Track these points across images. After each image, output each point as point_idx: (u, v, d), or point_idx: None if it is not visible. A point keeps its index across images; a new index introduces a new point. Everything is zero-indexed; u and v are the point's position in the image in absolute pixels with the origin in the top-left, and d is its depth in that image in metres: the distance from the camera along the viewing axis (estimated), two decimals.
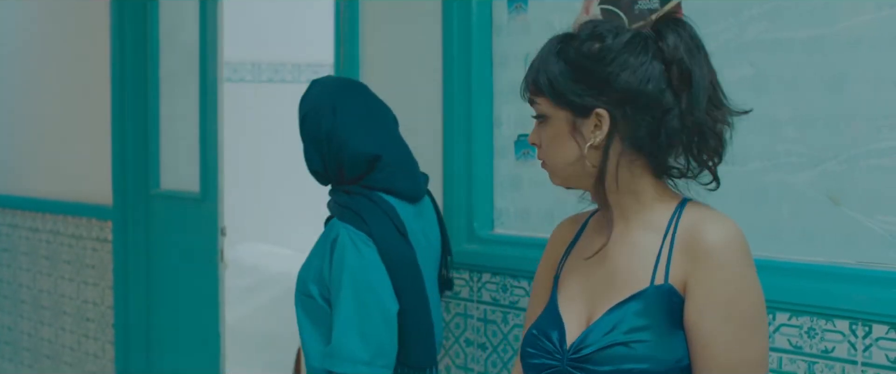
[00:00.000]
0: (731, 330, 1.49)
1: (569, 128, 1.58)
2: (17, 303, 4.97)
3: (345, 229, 2.25)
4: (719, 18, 2.29)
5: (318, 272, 2.28)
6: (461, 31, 2.80)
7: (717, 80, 1.59)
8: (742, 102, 2.22)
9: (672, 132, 1.54)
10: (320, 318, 2.29)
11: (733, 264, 1.50)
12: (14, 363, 5.01)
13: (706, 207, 1.62)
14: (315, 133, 2.35)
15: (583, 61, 1.56)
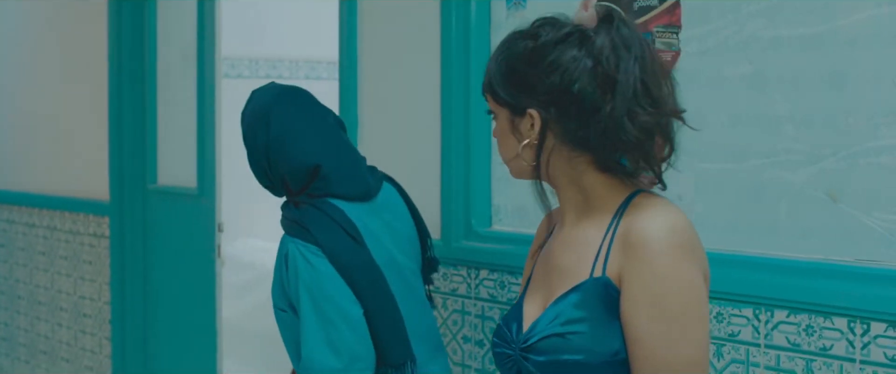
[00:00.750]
0: (660, 326, 1.46)
1: (509, 125, 1.62)
2: (14, 299, 4.96)
3: (293, 243, 2.23)
4: (718, 16, 2.29)
5: (281, 287, 2.27)
6: (459, 27, 2.80)
7: (655, 81, 1.56)
8: (742, 99, 2.24)
9: (601, 132, 1.54)
10: (292, 329, 2.28)
11: (664, 258, 1.47)
12: (10, 358, 5.01)
13: (655, 199, 1.59)
14: (254, 148, 2.32)
15: (514, 63, 1.60)
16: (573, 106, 1.54)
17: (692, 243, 1.51)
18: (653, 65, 1.56)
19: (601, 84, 1.53)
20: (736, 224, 2.28)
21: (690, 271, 1.48)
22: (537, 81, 1.56)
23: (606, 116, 1.52)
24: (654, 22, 2.41)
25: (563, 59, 1.55)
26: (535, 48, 1.57)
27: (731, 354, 2.24)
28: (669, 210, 1.54)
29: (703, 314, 1.49)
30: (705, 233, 2.29)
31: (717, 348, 2.27)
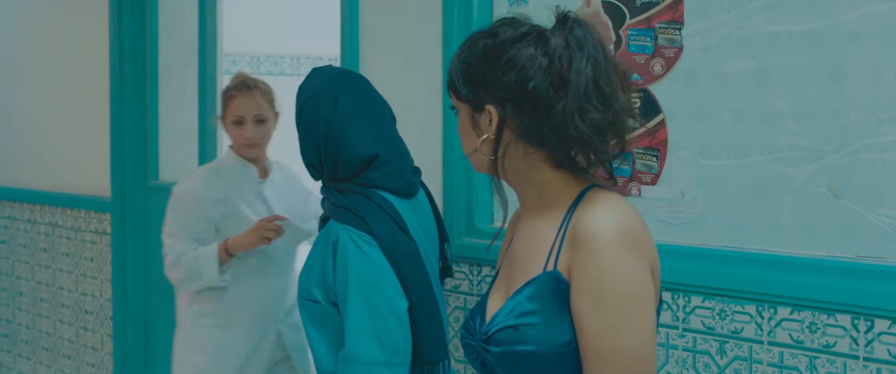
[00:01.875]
0: (603, 317, 1.50)
1: (469, 121, 1.67)
2: (15, 295, 4.96)
3: (344, 230, 2.21)
4: (720, 12, 2.29)
5: (320, 277, 2.25)
6: (461, 24, 2.80)
7: (608, 80, 1.60)
8: (744, 95, 2.24)
9: (554, 128, 1.58)
10: (326, 322, 2.28)
11: (607, 252, 1.50)
12: (12, 355, 5.01)
13: (606, 194, 1.62)
14: (313, 124, 2.31)
15: (473, 60, 1.65)
16: (528, 103, 1.59)
17: (637, 238, 1.54)
18: (606, 65, 1.61)
19: (554, 82, 1.58)
20: (738, 221, 2.27)
21: (633, 264, 1.51)
22: (494, 78, 1.61)
23: (559, 113, 1.57)
24: (657, 18, 2.41)
25: (519, 57, 1.60)
26: (494, 46, 1.63)
27: (734, 351, 2.24)
28: (616, 205, 1.57)
29: (645, 306, 1.52)
30: (707, 230, 2.31)
31: (720, 345, 2.26)
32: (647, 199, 2.43)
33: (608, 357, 1.50)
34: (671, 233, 2.38)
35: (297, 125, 2.33)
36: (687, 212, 2.37)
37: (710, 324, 2.28)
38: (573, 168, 1.63)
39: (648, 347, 1.51)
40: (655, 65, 2.41)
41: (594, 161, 1.63)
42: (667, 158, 2.40)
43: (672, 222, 2.39)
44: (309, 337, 2.32)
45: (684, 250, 2.33)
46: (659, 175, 2.42)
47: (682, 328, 2.33)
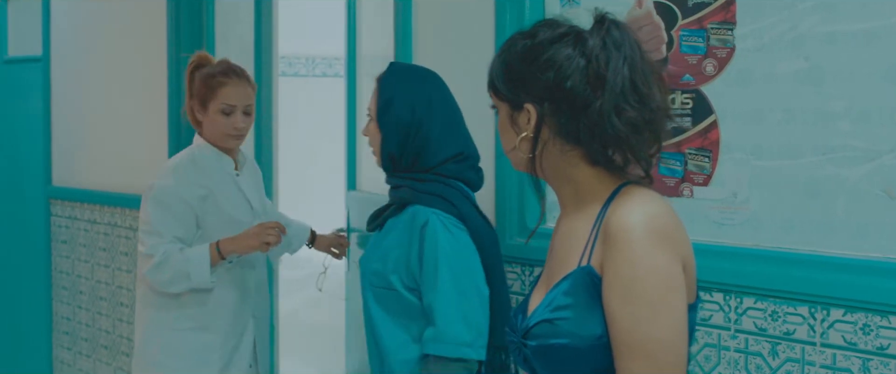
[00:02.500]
0: (631, 309, 1.53)
1: (508, 119, 1.71)
2: (76, 294, 5.05)
3: (434, 213, 2.31)
4: (773, 12, 2.28)
5: (402, 262, 2.32)
6: (514, 25, 2.80)
7: (644, 80, 1.62)
8: (797, 95, 2.23)
9: (590, 126, 1.61)
10: (400, 310, 2.34)
11: (637, 245, 1.53)
12: (72, 352, 5.10)
13: (639, 190, 1.65)
14: (403, 120, 2.38)
15: (512, 60, 1.69)
16: (566, 102, 1.63)
17: (668, 232, 1.56)
18: (643, 65, 1.63)
19: (592, 81, 1.61)
20: (791, 222, 2.26)
21: (663, 258, 1.53)
22: (533, 77, 1.65)
23: (595, 111, 1.60)
24: (709, 19, 2.40)
25: (557, 57, 1.63)
26: (532, 46, 1.67)
27: (786, 353, 2.23)
28: (649, 201, 1.60)
29: (674, 299, 1.53)
30: (760, 231, 2.30)
31: (772, 346, 2.25)
32: (699, 200, 2.42)
33: (637, 350, 1.52)
34: (723, 234, 2.37)
35: (382, 118, 2.41)
36: (739, 213, 2.36)
37: (763, 325, 2.27)
38: (609, 166, 1.66)
39: (677, 340, 1.53)
40: (707, 65, 2.41)
41: (630, 159, 1.66)
42: (719, 159, 2.39)
43: (724, 223, 2.38)
44: (378, 325, 2.38)
45: (736, 250, 2.33)
46: (711, 176, 2.41)
47: (733, 329, 2.32)
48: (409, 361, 2.34)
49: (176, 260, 2.99)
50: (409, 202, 2.38)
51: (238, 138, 3.11)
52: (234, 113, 3.07)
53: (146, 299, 3.15)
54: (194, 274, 2.99)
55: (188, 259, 2.99)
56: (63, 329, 5.16)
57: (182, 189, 3.05)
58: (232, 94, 3.07)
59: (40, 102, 5.18)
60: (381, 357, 2.38)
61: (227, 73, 3.11)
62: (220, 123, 3.08)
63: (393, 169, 2.44)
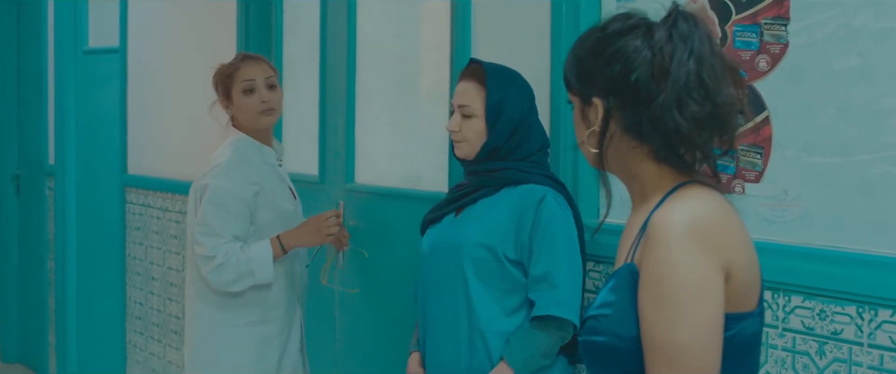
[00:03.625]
0: (658, 308, 1.49)
1: (580, 113, 1.68)
2: (148, 280, 5.17)
3: (551, 192, 2.51)
4: (826, 8, 2.25)
5: (511, 234, 2.51)
6: (569, 21, 2.81)
7: (712, 74, 1.56)
8: (850, 92, 2.20)
9: (652, 121, 1.57)
10: (499, 283, 2.53)
11: (670, 244, 1.48)
12: (144, 336, 5.22)
13: (693, 190, 1.58)
14: (513, 119, 2.56)
15: (582, 53, 1.66)
16: (631, 95, 1.59)
17: (707, 234, 1.50)
18: (712, 59, 1.57)
19: (656, 75, 1.56)
20: (841, 220, 2.24)
21: (695, 259, 1.48)
22: (600, 70, 1.62)
23: (658, 105, 1.56)
24: (763, 14, 2.39)
25: (625, 49, 1.59)
26: (602, 38, 1.63)
27: (833, 352, 2.21)
28: (696, 201, 1.55)
29: (703, 302, 1.47)
30: (810, 229, 2.28)
31: (819, 345, 2.23)
32: (750, 196, 2.41)
33: (658, 351, 1.48)
34: (773, 231, 2.36)
35: (493, 117, 2.57)
36: (790, 210, 2.34)
37: (810, 324, 2.25)
38: (676, 163, 1.61)
39: (701, 346, 1.46)
40: (760, 61, 2.39)
41: (698, 157, 1.60)
42: (771, 156, 2.38)
43: (775, 221, 2.36)
44: (476, 298, 2.54)
45: (786, 248, 2.31)
46: (762, 173, 2.39)
47: (781, 327, 2.30)
48: (504, 333, 2.51)
49: (238, 260, 3.02)
50: (513, 182, 2.56)
51: (269, 113, 3.13)
52: (256, 88, 3.12)
53: (203, 297, 3.17)
54: (258, 271, 3.04)
55: (251, 258, 3.03)
56: (136, 314, 5.28)
57: (237, 188, 3.07)
58: (248, 71, 3.13)
59: (117, 92, 5.30)
60: (472, 329, 2.54)
61: (241, 58, 3.21)
62: (246, 103, 3.11)
63: (487, 158, 2.59)
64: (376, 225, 3.69)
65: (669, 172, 1.62)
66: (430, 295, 2.68)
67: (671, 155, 1.60)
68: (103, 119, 5.48)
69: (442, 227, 2.69)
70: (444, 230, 2.67)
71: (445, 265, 2.62)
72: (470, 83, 2.61)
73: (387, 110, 3.78)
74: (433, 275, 2.67)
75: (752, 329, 1.58)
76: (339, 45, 3.88)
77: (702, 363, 1.46)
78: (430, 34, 3.53)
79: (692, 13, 1.61)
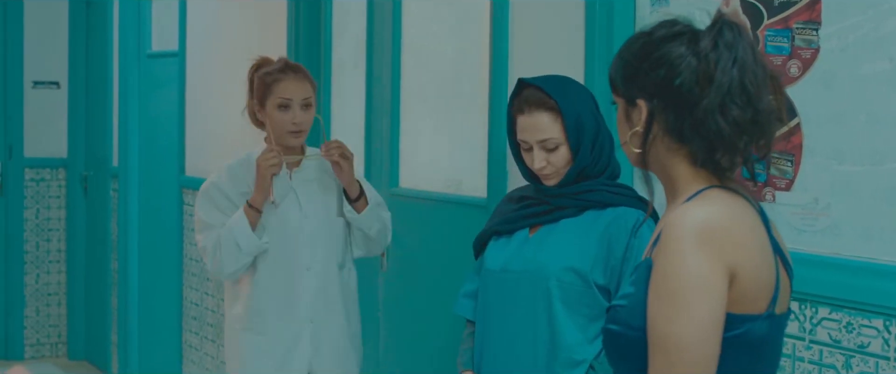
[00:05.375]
0: (659, 303, 1.55)
1: (624, 114, 1.74)
2: (203, 280, 5.24)
3: (642, 216, 2.41)
4: (857, 12, 2.20)
5: (601, 259, 2.40)
6: (603, 25, 2.78)
7: (754, 81, 1.61)
8: (881, 98, 2.14)
9: (694, 124, 1.62)
10: (584, 310, 2.42)
11: (675, 242, 1.55)
12: (199, 336, 5.29)
13: (715, 193, 1.63)
14: (591, 126, 2.46)
15: (629, 57, 1.72)
16: (674, 99, 1.64)
17: (714, 235, 1.55)
18: (754, 67, 1.63)
19: (701, 81, 1.62)
20: (871, 230, 2.18)
21: (697, 259, 1.53)
22: (645, 73, 1.67)
23: (701, 109, 1.61)
24: (795, 18, 2.33)
25: (670, 55, 1.64)
26: (648, 43, 1.69)
27: (859, 366, 2.15)
28: (711, 204, 1.60)
29: (701, 301, 1.53)
30: (839, 239, 2.23)
31: (846, 359, 2.17)
32: (780, 205, 2.35)
33: (657, 344, 1.54)
34: (803, 241, 2.30)
35: (576, 137, 2.45)
36: (820, 220, 2.28)
37: (837, 337, 2.19)
38: (712, 168, 1.66)
39: (697, 342, 1.52)
40: (792, 67, 2.34)
41: (737, 162, 1.65)
42: (801, 164, 2.32)
43: (805, 230, 2.30)
44: (561, 323, 2.42)
45: (815, 258, 2.25)
46: (793, 181, 2.34)
47: (808, 339, 2.25)
48: (585, 361, 2.41)
49: (222, 237, 3.01)
50: (599, 204, 2.45)
51: (297, 134, 3.08)
52: (292, 107, 3.06)
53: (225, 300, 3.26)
54: (242, 241, 3.01)
55: (231, 229, 3.01)
56: (191, 314, 5.35)
57: (225, 185, 3.10)
58: (287, 88, 3.07)
59: (176, 95, 5.38)
60: (551, 355, 2.43)
61: (283, 69, 3.12)
62: (278, 119, 3.06)
63: (576, 181, 2.48)
64: (420, 230, 3.69)
65: (703, 177, 1.67)
66: (498, 315, 2.54)
67: (708, 159, 1.64)
68: (164, 122, 5.57)
69: (514, 244, 2.55)
70: (519, 249, 2.53)
71: (523, 287, 2.48)
72: (541, 114, 2.45)
73: (430, 114, 3.78)
74: (505, 295, 2.53)
75: (762, 332, 1.61)
76: (384, 48, 3.89)
77: (695, 358, 1.52)
78: (470, 37, 3.51)
79: (737, 22, 1.67)
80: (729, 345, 1.56)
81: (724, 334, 1.55)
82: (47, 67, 6.75)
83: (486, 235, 2.63)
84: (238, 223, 3.02)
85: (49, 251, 6.82)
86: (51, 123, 6.78)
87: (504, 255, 2.54)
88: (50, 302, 6.84)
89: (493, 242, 2.60)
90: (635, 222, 2.40)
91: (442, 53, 3.71)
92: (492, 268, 2.56)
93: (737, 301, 1.56)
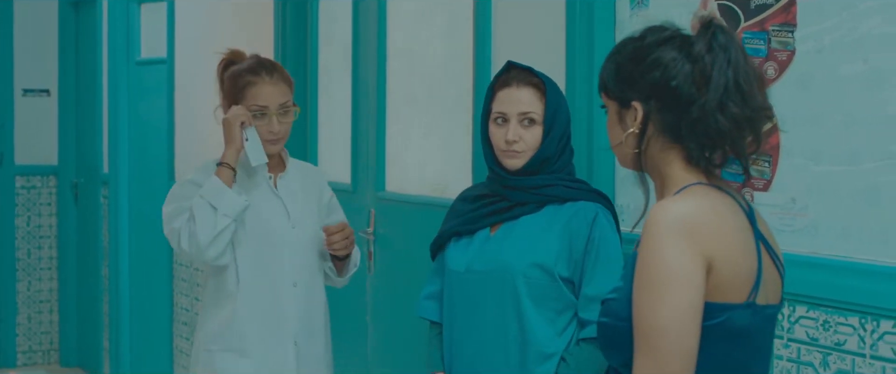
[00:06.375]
0: (639, 292, 1.63)
1: (617, 117, 1.79)
2: (193, 286, 5.23)
3: (599, 209, 2.47)
4: (832, 14, 2.22)
5: (565, 253, 2.44)
6: (583, 27, 2.80)
7: (748, 80, 1.70)
8: (857, 99, 2.16)
9: (692, 123, 1.69)
10: (552, 303, 2.46)
11: (653, 233, 1.63)
12: (190, 342, 5.28)
13: (696, 189, 1.70)
14: (564, 123, 2.51)
15: (622, 61, 1.78)
16: (671, 99, 1.71)
17: (690, 228, 1.62)
18: (746, 67, 1.71)
19: (696, 81, 1.69)
20: (848, 229, 2.20)
21: (674, 250, 1.61)
22: (640, 76, 1.74)
23: (699, 108, 1.68)
24: (770, 21, 2.35)
25: (663, 58, 1.72)
26: (640, 48, 1.76)
27: (836, 363, 2.17)
28: (691, 198, 1.68)
29: (674, 291, 1.60)
30: (816, 238, 2.25)
31: (823, 357, 2.20)
32: (759, 205, 2.36)
33: (639, 332, 1.62)
34: (781, 240, 2.27)
35: (552, 124, 2.49)
36: (798, 219, 2.31)
37: (814, 335, 2.22)
38: (704, 165, 1.73)
39: (674, 330, 1.59)
40: (768, 69, 2.36)
41: (730, 158, 1.73)
42: (779, 165, 2.34)
43: (783, 230, 2.32)
44: (530, 318, 2.44)
45: (793, 258, 2.26)
46: (771, 181, 2.36)
47: (786, 338, 2.27)
48: (555, 353, 2.44)
49: (194, 207, 2.68)
50: (558, 199, 2.49)
51: (274, 143, 2.80)
52: (267, 115, 2.77)
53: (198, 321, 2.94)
54: (220, 203, 2.67)
55: (203, 195, 2.68)
56: (182, 320, 5.36)
57: (197, 178, 2.79)
58: (261, 93, 2.77)
59: (165, 102, 5.40)
60: (524, 351, 2.45)
61: (255, 70, 2.80)
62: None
63: (538, 171, 2.50)
64: (407, 233, 3.70)
65: (693, 174, 1.74)
66: (466, 316, 2.54)
67: (701, 157, 1.71)
68: (153, 128, 5.58)
69: (476, 244, 2.54)
70: (481, 248, 2.53)
71: (490, 286, 2.49)
72: (527, 89, 2.49)
73: (416, 118, 3.79)
74: (471, 296, 2.53)
75: (744, 321, 1.67)
76: (370, 53, 3.91)
77: (674, 346, 1.59)
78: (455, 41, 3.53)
79: (726, 27, 1.75)
80: (710, 334, 1.63)
81: (705, 322, 1.62)
82: (37, 75, 6.76)
83: (445, 236, 2.62)
84: (212, 186, 2.69)
85: (40, 259, 6.83)
86: (41, 130, 6.79)
87: (466, 255, 2.55)
88: (42, 309, 6.85)
89: (453, 243, 2.59)
90: (595, 215, 2.45)
91: (428, 57, 3.73)
92: (455, 269, 2.56)
93: (715, 290, 1.63)
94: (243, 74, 2.81)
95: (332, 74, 4.25)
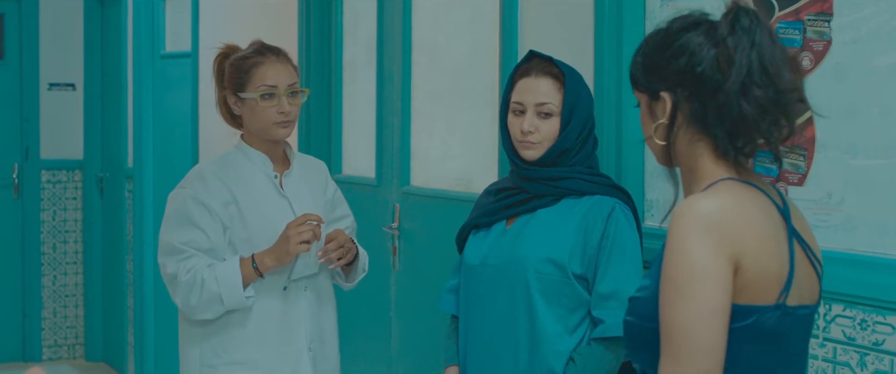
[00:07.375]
0: (664, 290, 1.59)
1: (647, 110, 1.76)
2: None
3: (617, 203, 2.42)
4: (869, 3, 2.16)
5: (579, 249, 2.40)
6: (612, 19, 2.75)
7: (774, 63, 1.63)
8: (892, 90, 2.10)
9: (718, 109, 1.64)
10: (563, 300, 2.41)
11: (678, 231, 1.59)
12: None
13: (724, 185, 1.65)
14: (585, 116, 2.46)
15: (649, 51, 1.74)
16: (697, 87, 1.66)
17: (715, 225, 1.57)
18: (772, 50, 1.64)
19: (721, 65, 1.64)
20: (885, 225, 2.14)
21: (699, 248, 1.56)
22: (667, 64, 1.70)
23: (723, 93, 1.63)
24: (806, 10, 2.29)
25: (689, 44, 1.67)
26: (666, 36, 1.72)
27: (874, 364, 2.11)
28: (719, 195, 1.62)
29: (698, 290, 1.55)
30: (853, 234, 2.19)
31: (861, 357, 2.13)
32: (793, 199, 2.28)
33: (664, 330, 1.58)
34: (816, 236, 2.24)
35: (570, 116, 2.45)
36: (834, 215, 2.24)
37: (851, 334, 2.15)
38: (734, 156, 1.67)
39: (698, 329, 1.54)
40: (804, 59, 2.30)
41: (757, 146, 1.66)
42: (814, 158, 2.28)
43: (818, 225, 2.26)
44: (541, 314, 2.40)
45: (829, 254, 2.20)
46: (806, 175, 2.30)
47: (822, 337, 2.21)
48: (566, 352, 2.40)
49: (203, 281, 2.55)
50: (576, 192, 2.45)
51: (286, 125, 2.66)
52: (277, 95, 2.63)
53: (183, 332, 2.72)
54: (226, 296, 2.55)
55: (217, 279, 2.54)
56: None
57: (202, 194, 2.65)
58: (269, 73, 2.64)
59: (190, 96, 5.38)
60: (533, 348, 2.42)
61: (261, 52, 2.69)
62: (261, 109, 2.63)
63: (555, 162, 2.46)
64: (431, 228, 3.66)
65: (723, 169, 1.68)
66: (479, 310, 2.53)
67: (729, 147, 1.65)
68: (178, 122, 5.57)
69: (492, 237, 2.53)
70: (497, 242, 2.51)
71: (502, 280, 2.47)
72: (545, 79, 2.46)
73: (441, 113, 3.75)
74: (484, 289, 2.51)
75: (773, 324, 1.62)
76: (394, 47, 3.86)
77: (698, 345, 1.54)
78: (480, 35, 3.49)
79: (752, 9, 1.69)
80: (738, 336, 1.58)
81: (733, 324, 1.57)
82: (63, 70, 6.76)
83: (467, 229, 2.61)
84: (228, 278, 2.55)
85: (66, 253, 6.83)
86: (67, 125, 6.79)
87: (483, 249, 2.54)
88: (67, 304, 6.85)
89: (472, 236, 2.59)
90: (610, 210, 2.40)
91: (452, 52, 3.68)
92: (471, 262, 2.55)
93: (743, 291, 1.58)
94: (248, 57, 2.69)
95: (356, 69, 4.21)
